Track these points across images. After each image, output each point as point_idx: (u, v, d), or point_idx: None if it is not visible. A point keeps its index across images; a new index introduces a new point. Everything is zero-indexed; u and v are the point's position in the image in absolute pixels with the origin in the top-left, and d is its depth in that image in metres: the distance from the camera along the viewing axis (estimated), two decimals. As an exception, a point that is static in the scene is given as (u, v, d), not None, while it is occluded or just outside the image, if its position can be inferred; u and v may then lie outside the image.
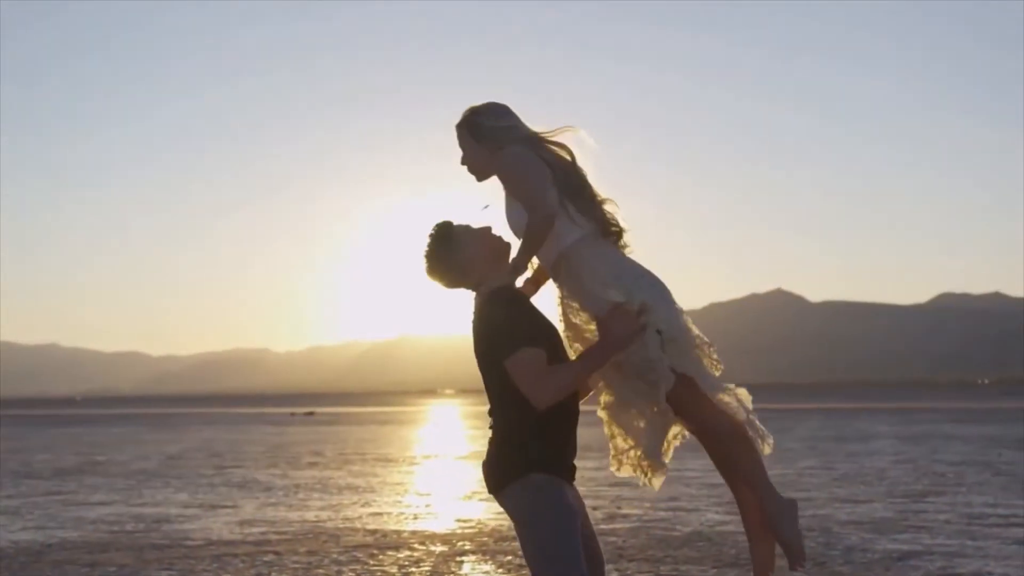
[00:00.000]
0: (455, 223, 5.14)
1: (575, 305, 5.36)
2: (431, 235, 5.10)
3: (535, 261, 5.39)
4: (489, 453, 4.99)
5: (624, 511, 12.25)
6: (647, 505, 12.77)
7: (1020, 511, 11.83)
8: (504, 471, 4.88)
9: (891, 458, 20.15)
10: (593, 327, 5.27)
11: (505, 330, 4.82)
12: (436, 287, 5.17)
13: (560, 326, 5.35)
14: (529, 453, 4.82)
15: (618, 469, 5.55)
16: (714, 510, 12.20)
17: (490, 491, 4.98)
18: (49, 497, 14.94)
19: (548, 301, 5.43)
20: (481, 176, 5.39)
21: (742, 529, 5.64)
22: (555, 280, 5.40)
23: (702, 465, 18.92)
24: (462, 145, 5.38)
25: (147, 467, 20.60)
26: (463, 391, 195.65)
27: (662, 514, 11.91)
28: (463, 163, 5.39)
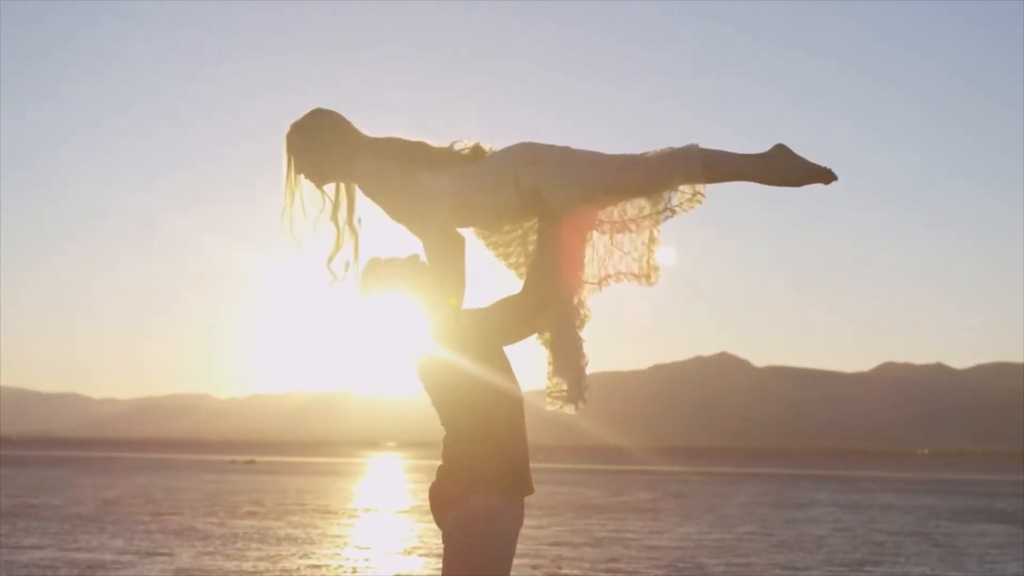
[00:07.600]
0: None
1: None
2: None
3: None
4: (440, 472, 4.48)
5: (564, 571, 12.23)
6: (587, 566, 12.75)
7: (956, 583, 11.91)
8: (449, 489, 4.35)
9: (830, 526, 20.24)
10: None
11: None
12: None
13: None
14: (483, 468, 4.14)
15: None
16: (654, 573, 12.20)
17: (434, 511, 4.49)
18: (-19, 539, 14.70)
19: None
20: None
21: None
22: None
23: (642, 527, 18.93)
24: None
25: (82, 512, 20.32)
26: (405, 444, 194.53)
27: None
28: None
